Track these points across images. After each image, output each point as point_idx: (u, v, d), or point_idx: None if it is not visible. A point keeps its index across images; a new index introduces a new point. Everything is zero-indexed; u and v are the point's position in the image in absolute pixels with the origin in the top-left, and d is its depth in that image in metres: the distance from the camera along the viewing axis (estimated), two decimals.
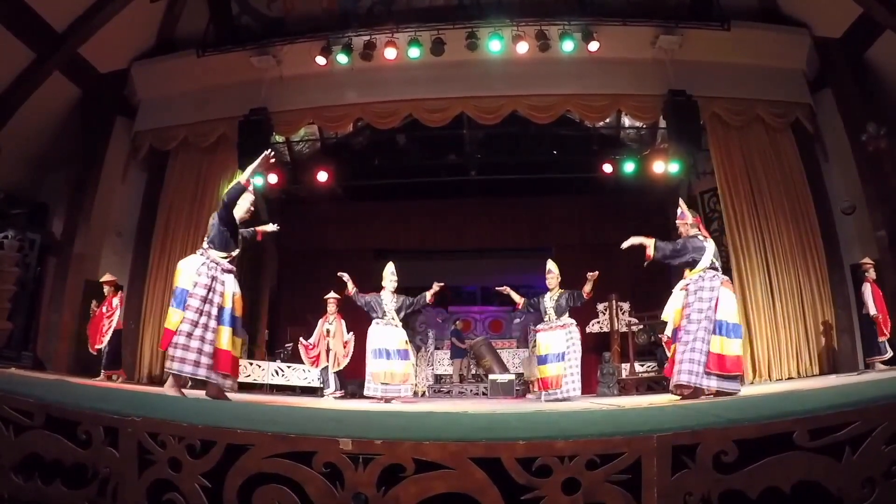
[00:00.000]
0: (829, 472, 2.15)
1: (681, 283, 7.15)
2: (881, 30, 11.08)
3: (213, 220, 6.72)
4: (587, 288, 9.42)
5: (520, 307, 10.26)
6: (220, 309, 6.26)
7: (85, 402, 2.78)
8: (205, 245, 6.54)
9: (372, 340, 9.28)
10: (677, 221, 7.54)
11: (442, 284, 9.66)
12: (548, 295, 9.84)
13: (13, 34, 11.04)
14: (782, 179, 12.14)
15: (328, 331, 11.64)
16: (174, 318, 5.97)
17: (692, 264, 6.90)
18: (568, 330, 9.46)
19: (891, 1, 10.51)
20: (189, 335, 5.94)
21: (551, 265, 10.06)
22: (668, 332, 7.47)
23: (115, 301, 11.26)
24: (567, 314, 9.61)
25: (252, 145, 12.55)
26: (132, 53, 13.35)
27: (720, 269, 6.89)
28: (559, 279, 9.88)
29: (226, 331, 6.20)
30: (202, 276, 6.18)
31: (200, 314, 6.05)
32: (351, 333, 11.65)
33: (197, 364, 5.93)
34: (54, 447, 2.56)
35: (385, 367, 9.06)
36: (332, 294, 11.61)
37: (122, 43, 12.89)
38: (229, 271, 6.49)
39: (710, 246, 6.94)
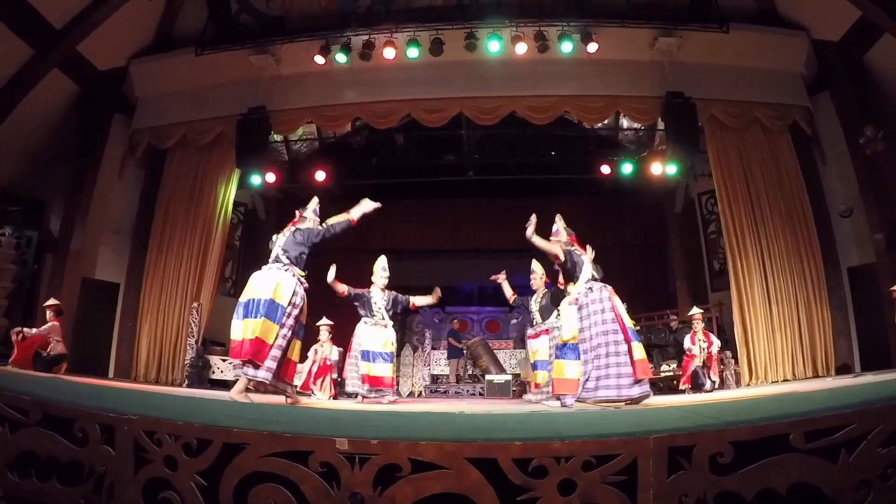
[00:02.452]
0: (825, 475, 2.16)
1: (568, 299, 7.19)
2: (879, 33, 11.10)
3: (296, 237, 6.77)
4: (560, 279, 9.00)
5: (511, 300, 10.04)
6: (302, 325, 6.53)
7: (81, 400, 2.77)
8: (285, 260, 6.56)
9: (359, 341, 9.16)
10: (552, 238, 7.89)
11: (439, 296, 9.45)
12: (533, 297, 9.65)
13: (12, 31, 11.04)
14: (780, 182, 12.16)
15: (325, 359, 11.02)
16: (271, 332, 6.08)
17: (574, 279, 7.13)
18: (551, 336, 9.15)
19: (889, 4, 10.53)
20: (281, 349, 6.15)
21: (535, 265, 9.70)
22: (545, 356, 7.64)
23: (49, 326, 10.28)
24: (556, 315, 9.38)
25: (250, 144, 12.59)
26: (131, 51, 13.35)
27: (599, 279, 7.15)
28: (544, 279, 9.63)
29: (298, 344, 6.43)
30: (297, 297, 6.35)
31: (290, 330, 6.26)
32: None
33: (275, 373, 6.17)
34: (50, 445, 2.55)
35: (371, 371, 8.94)
36: (325, 320, 11.16)
37: (121, 40, 12.88)
38: (305, 289, 6.56)
39: (587, 259, 7.29)
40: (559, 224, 8.00)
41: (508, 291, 9.85)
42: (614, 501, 2.17)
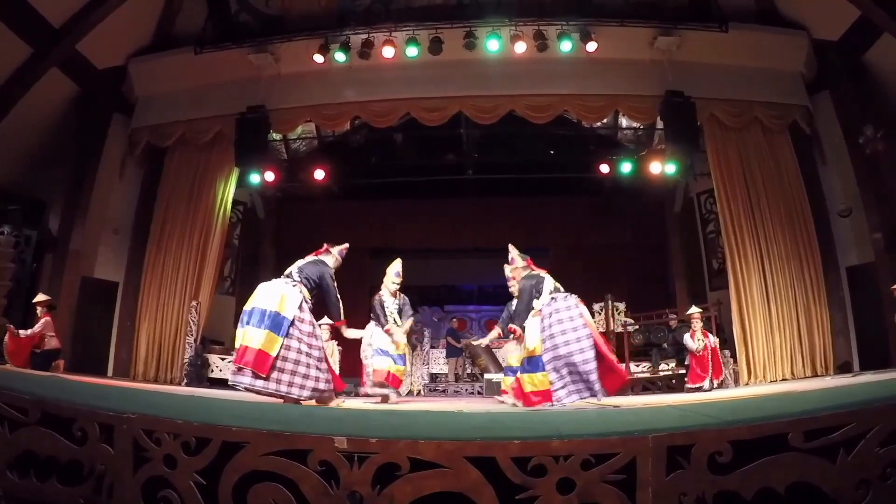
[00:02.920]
0: (824, 474, 2.16)
1: (532, 312, 7.12)
2: (879, 33, 11.11)
3: (315, 266, 7.04)
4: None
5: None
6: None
7: (80, 399, 2.77)
8: (296, 278, 6.76)
9: (373, 339, 9.06)
10: (507, 267, 8.11)
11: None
12: (513, 302, 9.37)
13: (11, 30, 11.03)
14: (779, 181, 12.17)
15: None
16: (274, 343, 6.15)
17: (538, 295, 7.08)
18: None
19: (889, 4, 10.54)
20: (301, 361, 6.27)
21: (509, 272, 9.42)
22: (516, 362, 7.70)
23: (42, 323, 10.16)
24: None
25: (249, 142, 12.58)
26: (130, 50, 13.34)
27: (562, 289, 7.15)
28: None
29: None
30: (304, 311, 6.47)
31: (306, 340, 6.38)
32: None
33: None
34: (49, 444, 2.55)
35: (387, 366, 8.88)
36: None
37: (120, 39, 12.88)
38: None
39: (546, 275, 7.33)
40: (514, 252, 7.96)
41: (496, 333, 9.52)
42: (613, 500, 2.17)
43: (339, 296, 6.99)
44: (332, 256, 7.28)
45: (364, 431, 2.41)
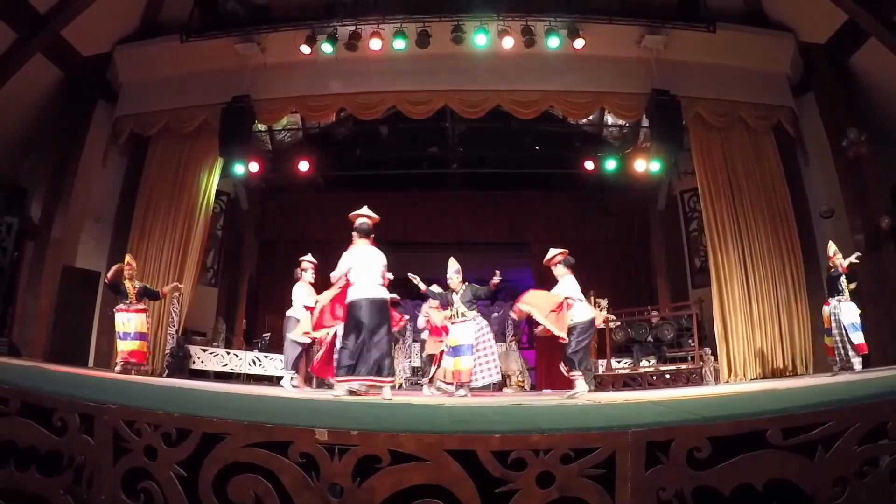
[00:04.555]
0: (802, 471, 2.18)
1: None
2: (866, 37, 11.20)
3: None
4: None
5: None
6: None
7: (61, 389, 2.76)
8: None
9: (449, 337, 9.05)
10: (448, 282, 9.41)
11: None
12: (458, 294, 9.37)
13: None
14: (762, 181, 12.24)
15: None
16: None
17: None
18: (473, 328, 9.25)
19: (876, 9, 10.61)
20: None
21: (453, 263, 9.69)
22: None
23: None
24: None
25: (234, 133, 12.51)
26: (115, 37, 13.20)
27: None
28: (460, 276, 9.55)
29: None
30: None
31: None
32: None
33: None
34: (29, 434, 2.54)
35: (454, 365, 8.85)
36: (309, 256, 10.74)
37: (106, 26, 12.74)
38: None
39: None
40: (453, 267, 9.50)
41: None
42: (592, 494, 2.19)
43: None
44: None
45: (344, 423, 2.42)
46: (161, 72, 13.21)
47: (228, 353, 13.41)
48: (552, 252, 8.91)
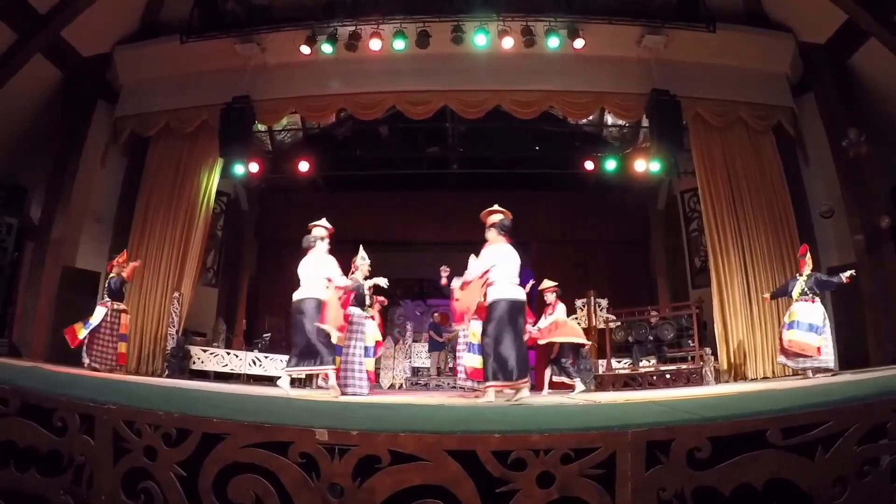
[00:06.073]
0: (802, 471, 2.18)
1: None
2: (865, 37, 11.19)
3: None
4: None
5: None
6: None
7: (61, 390, 2.76)
8: None
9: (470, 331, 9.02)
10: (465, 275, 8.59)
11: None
12: None
13: None
14: (762, 181, 12.24)
15: None
16: None
17: None
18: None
19: (876, 9, 10.61)
20: None
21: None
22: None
23: None
24: None
25: (234, 133, 12.51)
26: (115, 37, 13.21)
27: None
28: None
29: None
30: None
31: None
32: None
33: None
34: (29, 434, 2.54)
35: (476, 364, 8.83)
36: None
37: (106, 26, 12.75)
38: None
39: None
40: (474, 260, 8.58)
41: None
42: (592, 494, 2.19)
43: None
44: None
45: (345, 424, 2.42)
46: (161, 72, 13.22)
47: (228, 354, 13.40)
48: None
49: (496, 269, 6.68)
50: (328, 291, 7.35)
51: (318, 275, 7.35)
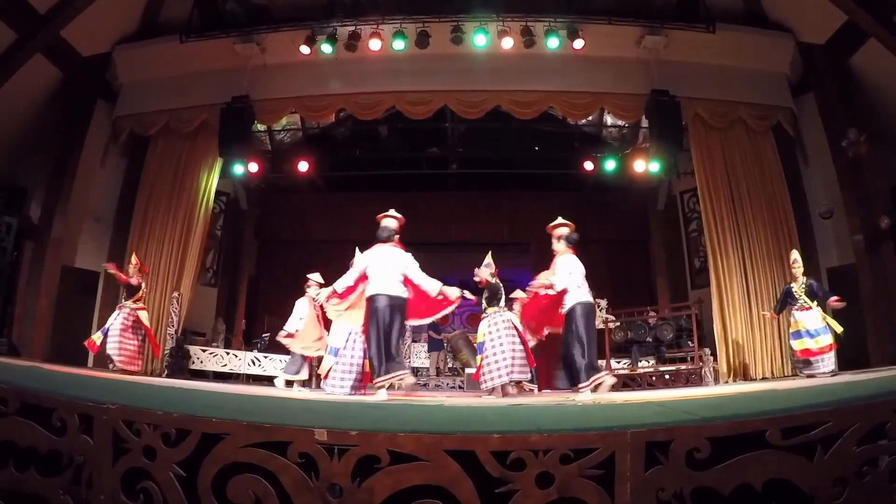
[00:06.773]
0: (801, 471, 2.18)
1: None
2: (865, 37, 11.19)
3: None
4: None
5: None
6: None
7: (60, 390, 2.76)
8: None
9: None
10: (483, 267, 9.44)
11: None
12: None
13: None
14: (762, 182, 12.24)
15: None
16: None
17: (492, 303, 8.96)
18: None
19: (876, 9, 10.61)
20: None
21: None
22: None
23: None
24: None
25: (233, 133, 12.50)
26: (115, 37, 13.20)
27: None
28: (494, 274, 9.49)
29: None
30: None
31: None
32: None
33: None
34: (29, 434, 2.54)
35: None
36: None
37: (105, 26, 12.74)
38: None
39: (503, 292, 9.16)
40: (489, 259, 9.44)
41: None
42: (592, 495, 2.19)
43: None
44: None
45: (344, 424, 2.42)
46: (161, 72, 13.22)
47: (228, 354, 13.40)
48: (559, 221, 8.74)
49: (571, 277, 7.43)
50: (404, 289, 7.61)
51: (397, 271, 7.67)
